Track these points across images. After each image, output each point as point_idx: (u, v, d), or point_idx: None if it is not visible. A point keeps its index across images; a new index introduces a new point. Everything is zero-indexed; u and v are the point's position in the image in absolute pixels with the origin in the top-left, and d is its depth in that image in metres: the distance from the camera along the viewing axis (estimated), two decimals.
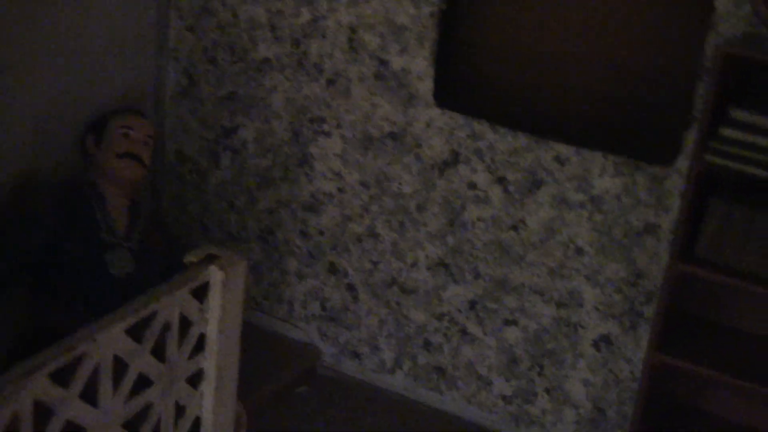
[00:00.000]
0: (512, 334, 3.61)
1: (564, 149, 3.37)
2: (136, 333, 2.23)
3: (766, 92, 2.89)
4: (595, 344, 3.48)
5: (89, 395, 2.03)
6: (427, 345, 3.79)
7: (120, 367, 2.12)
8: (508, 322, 3.61)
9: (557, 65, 3.43)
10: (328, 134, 3.73)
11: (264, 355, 3.87)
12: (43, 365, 1.86)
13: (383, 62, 3.57)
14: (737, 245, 2.83)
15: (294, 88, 3.75)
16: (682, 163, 3.16)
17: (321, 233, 3.87)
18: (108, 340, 2.07)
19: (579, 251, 3.42)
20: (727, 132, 2.71)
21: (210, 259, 2.53)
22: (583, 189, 3.36)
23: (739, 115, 2.70)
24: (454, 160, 3.54)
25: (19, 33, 3.19)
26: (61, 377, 1.92)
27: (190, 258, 2.53)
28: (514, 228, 3.51)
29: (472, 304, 3.65)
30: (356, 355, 3.95)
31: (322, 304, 3.96)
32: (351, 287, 3.88)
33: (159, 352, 2.28)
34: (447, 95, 3.55)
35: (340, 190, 3.77)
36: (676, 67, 3.23)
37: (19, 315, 3.13)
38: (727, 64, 2.72)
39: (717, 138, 2.74)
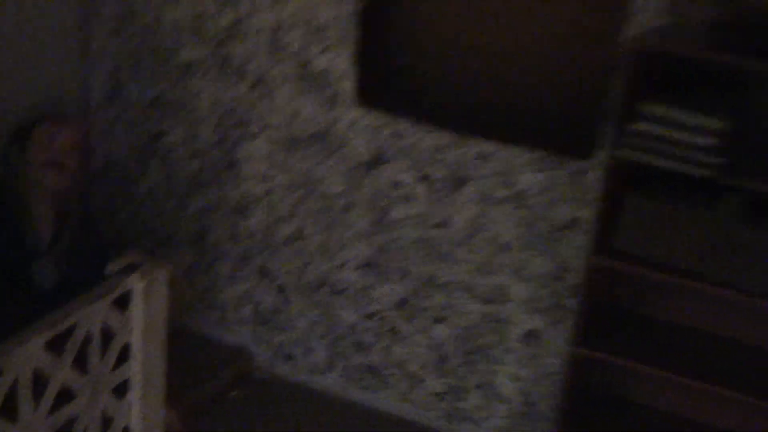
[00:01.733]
0: (442, 331, 3.64)
1: (487, 146, 3.40)
2: (58, 345, 2.21)
3: (680, 83, 2.94)
4: (523, 339, 3.51)
5: (10, 411, 2.02)
6: (359, 345, 3.80)
7: (43, 380, 2.11)
8: (436, 320, 3.64)
9: (479, 62, 3.45)
10: (254, 136, 3.73)
11: (197, 360, 3.86)
12: None
13: (305, 63, 3.57)
14: (653, 237, 2.88)
15: (219, 91, 3.75)
16: (604, 157, 3.20)
17: (251, 236, 3.87)
18: (26, 355, 2.06)
19: (505, 247, 3.45)
20: (640, 126, 2.75)
21: (132, 267, 2.52)
22: (507, 185, 3.39)
23: (650, 108, 2.74)
24: (379, 159, 3.55)
25: None
26: None
27: (112, 267, 2.53)
28: (441, 225, 3.53)
29: (401, 303, 3.67)
30: (289, 357, 3.95)
31: (254, 307, 3.96)
32: (282, 289, 3.88)
33: (83, 364, 2.27)
34: (370, 94, 3.56)
35: (267, 192, 3.78)
36: (593, 60, 3.27)
37: None
38: (639, 57, 2.76)
39: (629, 132, 2.78)
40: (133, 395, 2.50)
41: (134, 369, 2.48)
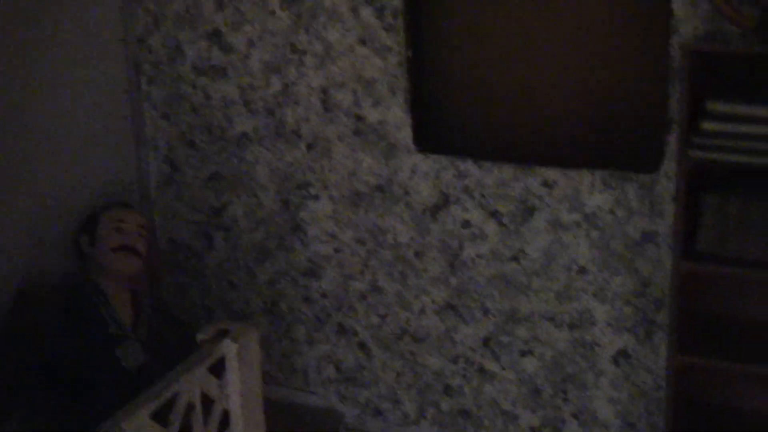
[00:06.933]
0: (530, 364, 3.60)
1: (550, 173, 3.39)
2: (160, 417, 2.22)
3: (735, 84, 2.93)
4: (614, 360, 3.47)
5: None
6: (448, 390, 3.77)
7: None
8: (524, 353, 3.60)
9: (530, 94, 3.45)
10: (316, 197, 3.75)
11: (285, 427, 3.84)
12: None
13: (359, 118, 3.59)
14: (737, 236, 2.84)
15: (276, 158, 3.77)
16: (669, 166, 3.18)
17: (324, 296, 3.87)
18: (134, 428, 2.07)
19: (582, 270, 3.43)
20: (708, 125, 2.74)
21: (222, 333, 2.54)
22: (576, 208, 3.38)
23: (716, 106, 2.74)
24: (444, 201, 3.55)
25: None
26: None
27: (202, 336, 2.54)
28: (515, 258, 3.51)
29: (486, 341, 3.64)
30: (378, 412, 3.93)
31: (336, 366, 3.94)
32: (362, 345, 3.86)
33: None
34: (427, 139, 3.57)
35: (336, 250, 3.78)
36: (645, 75, 3.27)
37: (37, 417, 3.10)
38: (695, 61, 2.76)
39: (698, 133, 2.77)
40: None
41: None
